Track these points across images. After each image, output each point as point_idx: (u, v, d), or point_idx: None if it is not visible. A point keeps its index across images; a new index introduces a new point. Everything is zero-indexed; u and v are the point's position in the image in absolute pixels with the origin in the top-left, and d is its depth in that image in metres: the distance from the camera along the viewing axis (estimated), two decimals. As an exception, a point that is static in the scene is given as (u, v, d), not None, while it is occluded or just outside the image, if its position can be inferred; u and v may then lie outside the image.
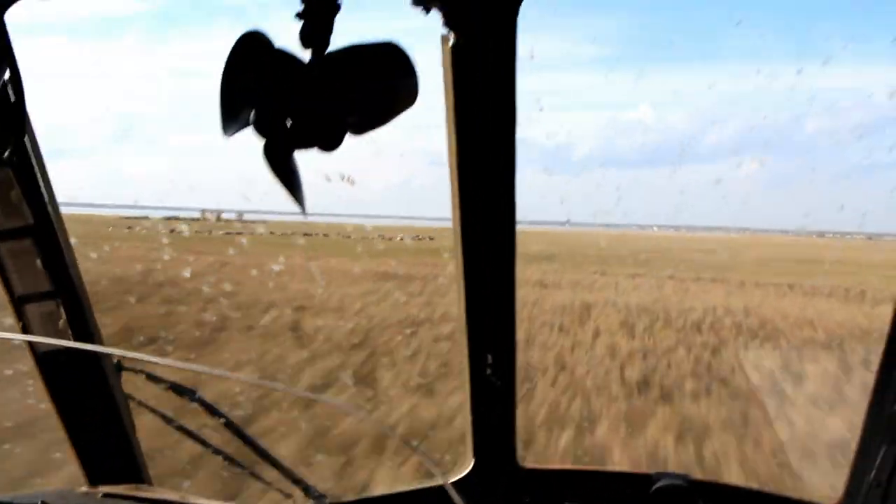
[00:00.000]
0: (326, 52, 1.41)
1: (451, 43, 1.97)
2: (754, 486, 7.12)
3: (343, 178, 2.35)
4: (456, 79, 2.03)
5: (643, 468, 7.88)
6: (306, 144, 1.38)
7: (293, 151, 1.40)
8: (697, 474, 2.67)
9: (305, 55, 1.41)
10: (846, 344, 14.70)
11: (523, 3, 1.99)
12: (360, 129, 1.43)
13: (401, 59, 1.46)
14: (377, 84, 1.45)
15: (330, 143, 1.38)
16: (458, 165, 2.18)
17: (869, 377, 2.41)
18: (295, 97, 1.37)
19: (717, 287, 22.42)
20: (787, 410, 10.45)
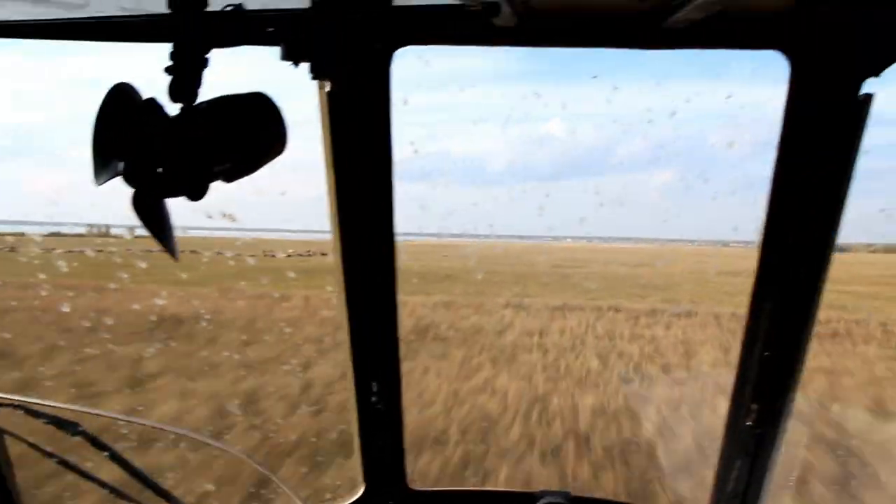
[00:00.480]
0: (195, 103, 1.60)
1: (326, 89, 2.19)
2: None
3: (223, 216, 2.51)
4: (332, 122, 2.24)
5: None
6: (174, 193, 1.55)
7: (162, 200, 1.58)
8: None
9: (175, 107, 1.60)
10: None
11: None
12: (230, 177, 1.62)
13: (268, 108, 1.67)
14: (246, 133, 1.65)
15: (196, 192, 1.56)
16: (338, 205, 2.39)
17: None
18: (163, 148, 1.55)
19: (693, 328, 16.67)
20: None
